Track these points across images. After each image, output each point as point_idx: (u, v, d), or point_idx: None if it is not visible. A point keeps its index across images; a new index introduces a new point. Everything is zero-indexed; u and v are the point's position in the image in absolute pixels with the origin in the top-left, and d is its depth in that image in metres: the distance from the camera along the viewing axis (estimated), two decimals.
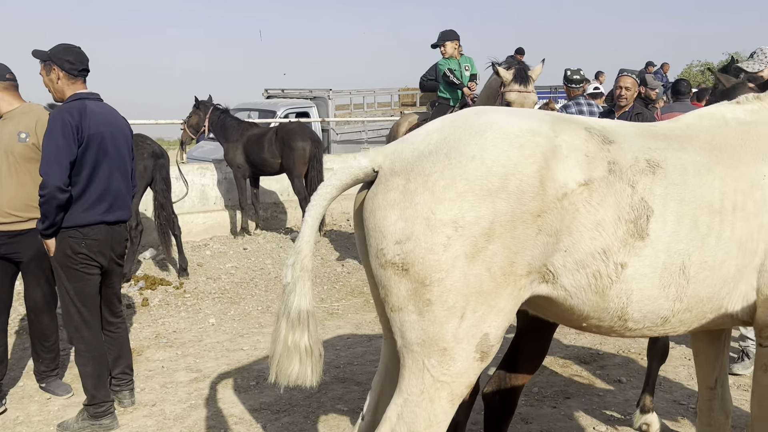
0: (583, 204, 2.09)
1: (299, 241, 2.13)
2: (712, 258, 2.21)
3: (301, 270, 2.12)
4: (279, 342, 2.12)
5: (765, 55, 4.57)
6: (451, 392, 2.10)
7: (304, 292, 2.11)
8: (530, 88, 5.60)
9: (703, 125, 2.48)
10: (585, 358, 5.09)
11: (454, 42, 6.76)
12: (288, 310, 2.11)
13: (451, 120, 2.20)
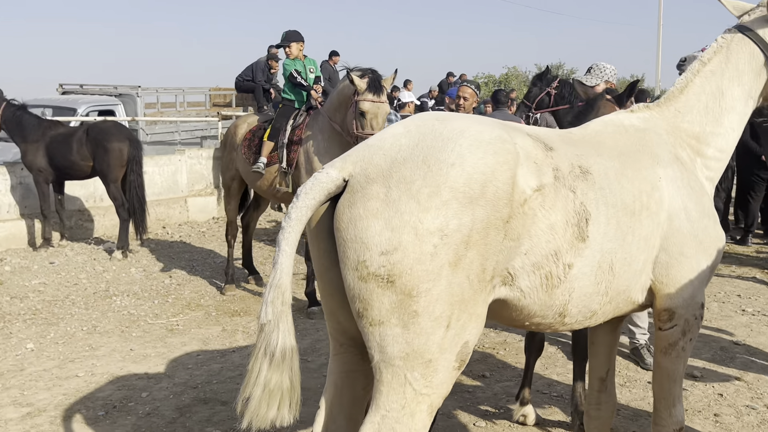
0: (539, 209, 2.13)
1: (278, 274, 1.95)
2: (629, 254, 2.38)
3: (282, 305, 1.95)
4: (258, 385, 1.93)
5: (601, 70, 5.04)
6: (430, 404, 2.02)
7: (288, 328, 1.96)
8: (383, 99, 5.66)
9: (608, 132, 2.65)
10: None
11: (299, 43, 6.61)
12: (271, 350, 1.93)
13: (416, 125, 2.12)
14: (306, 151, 6.22)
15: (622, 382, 4.57)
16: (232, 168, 7.00)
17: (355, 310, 2.00)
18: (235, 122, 7.17)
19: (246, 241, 7.63)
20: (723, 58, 2.81)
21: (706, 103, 2.77)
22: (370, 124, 5.67)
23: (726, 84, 2.78)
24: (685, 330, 2.55)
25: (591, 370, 2.99)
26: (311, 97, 6.47)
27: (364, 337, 2.02)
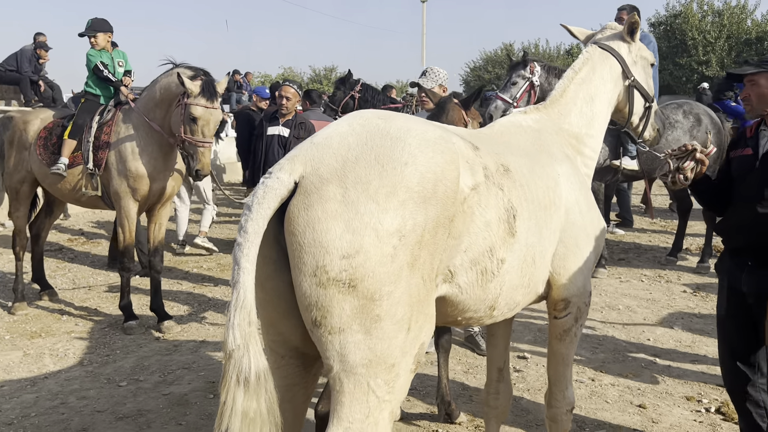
0: (476, 207, 2.17)
1: (240, 294, 1.77)
2: (544, 247, 2.53)
3: (249, 326, 1.77)
4: (236, 416, 1.75)
5: (435, 74, 5.27)
6: (391, 411, 1.95)
7: (258, 350, 1.79)
8: (216, 105, 5.35)
9: (511, 132, 2.80)
10: None
11: (107, 34, 5.95)
12: (245, 376, 1.76)
13: (360, 124, 2.04)
14: (118, 151, 5.64)
15: (466, 369, 4.84)
16: (21, 170, 6.12)
17: (310, 318, 1.87)
18: (22, 117, 6.25)
19: (36, 253, 6.74)
20: (590, 69, 3.13)
21: (581, 107, 3.05)
22: (201, 131, 5.31)
23: (594, 91, 3.10)
24: (577, 317, 2.78)
25: (490, 362, 3.12)
26: (120, 92, 5.88)
27: (321, 347, 1.89)
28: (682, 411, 4.16)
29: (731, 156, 3.35)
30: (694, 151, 3.12)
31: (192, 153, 5.37)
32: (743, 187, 3.23)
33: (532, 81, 6.66)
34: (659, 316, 6.04)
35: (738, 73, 3.21)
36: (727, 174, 3.34)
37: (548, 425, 2.96)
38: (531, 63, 6.73)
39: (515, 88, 6.71)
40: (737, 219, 3.23)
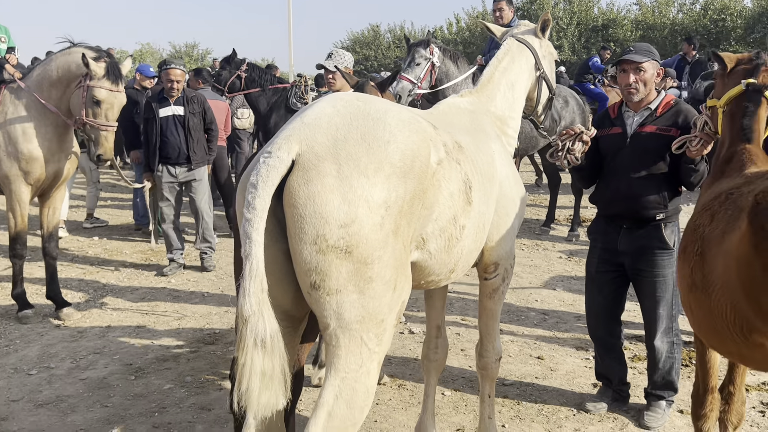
0: (442, 179, 2.43)
1: (254, 264, 1.94)
2: (489, 215, 2.85)
3: (262, 292, 1.95)
4: (255, 375, 1.93)
5: (341, 56, 5.44)
6: (379, 361, 2.18)
7: (271, 314, 1.97)
8: (121, 88, 5.22)
9: (453, 113, 3.10)
10: (207, 339, 5.15)
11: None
12: (261, 339, 1.93)
13: (342, 106, 2.22)
14: (7, 132, 5.34)
15: None
16: None
17: (309, 282, 2.05)
18: None
19: None
20: (510, 59, 3.48)
21: (504, 92, 3.40)
22: (105, 115, 5.16)
23: (514, 78, 3.46)
24: (504, 277, 3.14)
25: (429, 320, 3.41)
26: (5, 70, 5.55)
27: (319, 308, 2.08)
28: (574, 359, 4.72)
29: (598, 135, 3.85)
30: (581, 133, 3.56)
31: (94, 137, 5.22)
32: (616, 162, 3.77)
33: (433, 62, 6.98)
34: (542, 280, 6.68)
35: (630, 59, 3.69)
36: (596, 152, 3.85)
37: (480, 374, 3.32)
38: (431, 45, 7.04)
39: (419, 69, 6.97)
40: (614, 190, 3.77)
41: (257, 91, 9.39)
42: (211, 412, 3.98)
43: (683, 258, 2.52)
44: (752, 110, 2.74)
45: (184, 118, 6.81)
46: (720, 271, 2.19)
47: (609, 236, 3.84)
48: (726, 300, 2.16)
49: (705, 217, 2.41)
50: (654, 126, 3.71)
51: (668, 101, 3.78)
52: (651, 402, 3.84)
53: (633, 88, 3.71)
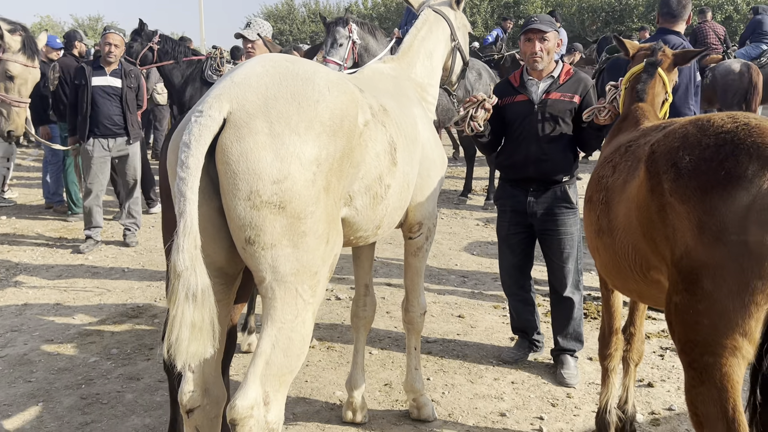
0: (369, 140, 2.53)
1: (188, 221, 1.98)
2: (413, 176, 2.99)
3: (195, 249, 1.99)
4: (185, 326, 1.98)
5: (259, 25, 5.42)
6: (314, 311, 2.28)
7: (203, 269, 2.02)
8: (37, 63, 5.01)
9: (377, 77, 3.20)
10: (130, 313, 5.09)
11: None
12: (193, 292, 1.98)
13: (272, 66, 2.26)
14: None
15: None
16: None
17: (244, 237, 2.12)
18: None
19: None
20: (428, 28, 3.62)
21: (423, 61, 3.53)
22: (18, 90, 4.95)
23: (432, 47, 3.60)
24: (428, 236, 3.30)
25: (358, 279, 3.53)
26: None
27: (254, 262, 2.14)
28: (493, 317, 4.98)
29: (501, 103, 4.05)
30: (483, 101, 3.73)
31: (6, 112, 5.02)
32: (525, 128, 3.99)
33: (353, 40, 7.03)
34: (461, 245, 6.94)
35: (536, 29, 3.89)
36: (499, 120, 4.05)
37: (406, 329, 3.48)
38: (349, 23, 7.07)
39: (342, 50, 6.97)
40: (524, 154, 3.99)
41: (171, 63, 9.16)
42: (141, 381, 3.98)
43: (589, 207, 2.74)
44: (646, 78, 3.03)
45: (121, 91, 6.63)
46: (622, 215, 2.40)
47: (517, 200, 4.07)
48: (628, 241, 2.38)
49: (607, 168, 2.62)
50: (558, 93, 3.95)
51: (568, 70, 4.04)
52: (562, 360, 4.07)
53: (538, 56, 3.92)
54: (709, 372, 1.95)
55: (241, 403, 2.09)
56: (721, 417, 1.93)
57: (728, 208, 1.90)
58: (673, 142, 2.16)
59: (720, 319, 1.92)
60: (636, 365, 3.19)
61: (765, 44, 10.58)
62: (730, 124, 2.07)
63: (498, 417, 3.56)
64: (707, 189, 1.96)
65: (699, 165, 2.03)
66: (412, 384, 3.47)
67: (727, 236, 1.89)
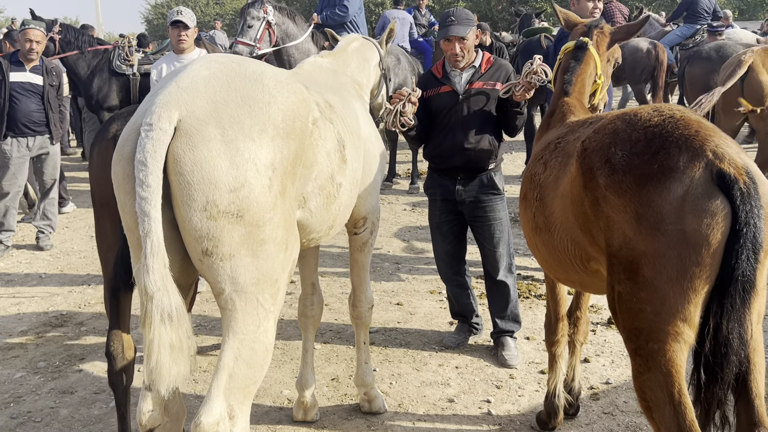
0: (319, 139, 2.48)
1: (154, 241, 1.90)
2: (360, 171, 2.96)
3: (164, 267, 1.91)
4: (164, 349, 1.90)
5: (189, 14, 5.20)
6: (275, 319, 2.23)
7: (174, 288, 1.95)
8: None
9: (318, 72, 3.14)
10: (54, 322, 4.83)
11: None
12: (168, 313, 1.90)
13: (217, 68, 2.17)
14: None
15: None
16: None
17: (200, 249, 2.04)
18: None
19: None
20: (360, 44, 3.75)
21: (359, 62, 3.63)
22: None
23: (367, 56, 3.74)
24: (372, 230, 3.29)
25: (304, 278, 3.47)
26: None
27: (212, 274, 2.07)
28: (430, 302, 5.05)
29: (427, 95, 4.11)
30: (409, 95, 3.76)
31: None
32: (451, 119, 4.05)
33: (268, 20, 6.87)
34: (392, 231, 6.98)
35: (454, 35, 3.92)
36: (425, 111, 4.10)
37: (354, 323, 3.47)
38: (264, 4, 6.92)
39: (252, 31, 6.84)
40: (450, 144, 4.05)
41: (75, 54, 8.68)
42: (75, 395, 3.79)
43: (525, 205, 2.81)
44: (574, 65, 3.08)
45: (42, 89, 6.25)
46: (558, 211, 2.48)
47: (446, 188, 4.13)
48: (566, 236, 2.45)
49: (539, 166, 2.69)
50: (481, 82, 4.02)
51: (488, 58, 4.12)
52: (502, 342, 4.17)
53: (459, 57, 3.98)
54: (654, 358, 2.03)
55: (206, 420, 2.03)
56: (668, 401, 2.01)
57: (664, 200, 1.98)
58: (604, 138, 2.22)
59: (662, 306, 1.99)
60: (581, 345, 3.32)
61: (699, 24, 11.00)
62: (657, 117, 2.14)
63: (447, 403, 3.62)
64: (642, 182, 2.03)
65: (632, 160, 2.09)
66: (362, 378, 3.48)
67: (664, 226, 1.97)
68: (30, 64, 6.29)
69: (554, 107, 3.08)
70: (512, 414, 3.51)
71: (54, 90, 6.43)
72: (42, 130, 6.34)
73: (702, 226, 1.94)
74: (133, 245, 2.18)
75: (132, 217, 2.08)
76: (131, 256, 2.23)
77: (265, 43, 6.86)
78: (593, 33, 3.11)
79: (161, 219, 1.93)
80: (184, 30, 5.06)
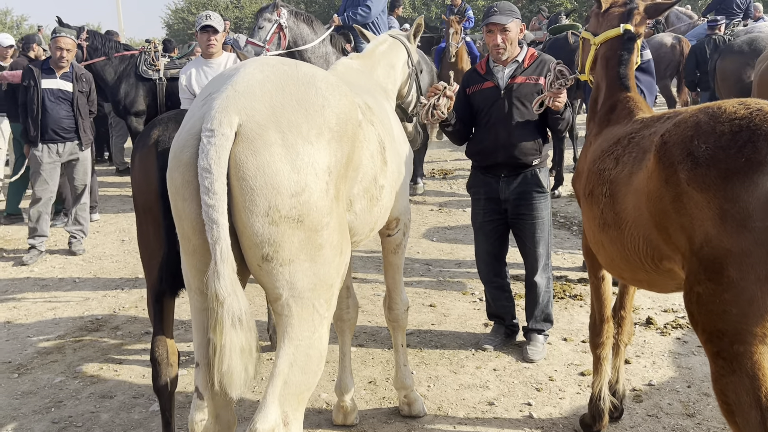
0: (364, 141, 2.46)
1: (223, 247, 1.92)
2: (398, 173, 2.95)
3: (233, 272, 1.93)
4: (235, 353, 1.93)
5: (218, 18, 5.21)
6: (329, 324, 2.21)
7: (242, 292, 1.97)
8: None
9: (350, 73, 3.13)
10: (89, 326, 4.87)
11: None
12: (238, 317, 1.93)
13: (270, 70, 2.16)
14: None
15: None
16: None
17: (260, 255, 2.01)
18: None
19: None
20: (388, 46, 3.66)
21: (386, 68, 3.56)
22: None
23: (394, 61, 3.63)
24: (405, 231, 3.26)
25: None
26: None
27: (270, 279, 2.05)
28: (463, 303, 5.01)
29: (470, 92, 4.11)
30: (445, 89, 3.73)
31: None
32: (492, 114, 4.03)
33: (280, 23, 6.91)
34: (420, 232, 6.95)
35: (496, 22, 3.91)
36: (467, 108, 4.09)
37: (391, 326, 3.45)
38: (278, 8, 6.97)
39: (263, 32, 6.90)
40: (493, 140, 4.03)
41: (102, 60, 8.75)
42: (114, 399, 3.81)
43: (591, 201, 2.72)
44: (627, 58, 2.96)
45: (72, 95, 6.34)
46: (631, 207, 2.40)
47: (490, 187, 4.11)
48: (638, 234, 2.38)
49: (609, 161, 2.61)
50: (524, 77, 4.00)
51: (532, 53, 4.09)
52: (531, 337, 4.18)
53: (501, 48, 3.96)
54: (739, 361, 1.95)
55: (262, 427, 2.02)
56: (754, 405, 1.93)
57: (751, 195, 1.89)
58: (686, 131, 2.14)
59: (749, 307, 1.91)
60: (626, 346, 3.27)
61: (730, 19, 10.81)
62: (744, 110, 2.05)
63: (487, 406, 3.59)
64: (728, 177, 1.94)
65: (717, 153, 2.00)
66: (402, 381, 3.45)
67: (752, 223, 1.89)
68: (60, 71, 6.37)
69: (614, 102, 2.94)
70: (554, 417, 3.47)
71: (83, 96, 6.50)
72: (71, 136, 6.42)
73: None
74: (188, 252, 2.16)
75: (189, 223, 2.08)
76: (184, 263, 2.21)
77: (274, 45, 6.89)
78: (633, 17, 2.97)
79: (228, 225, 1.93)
80: (213, 34, 5.08)
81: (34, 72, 6.32)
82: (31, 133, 6.31)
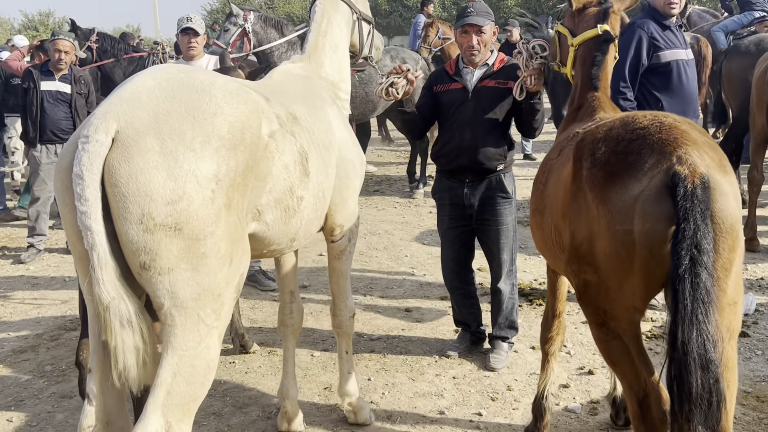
0: (275, 152, 2.42)
1: (101, 252, 1.94)
2: (330, 183, 2.89)
3: (117, 279, 1.96)
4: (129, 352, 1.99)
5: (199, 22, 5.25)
6: (219, 335, 2.18)
7: (129, 293, 2.00)
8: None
9: (288, 80, 3.08)
10: (68, 326, 4.95)
11: None
12: (127, 319, 1.97)
13: (164, 79, 2.15)
14: None
15: (251, 305, 5.15)
16: None
17: (138, 262, 2.00)
18: None
19: None
20: (327, 20, 3.44)
21: (330, 57, 3.41)
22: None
23: (336, 40, 3.46)
24: (350, 237, 3.22)
25: (282, 286, 3.42)
26: None
27: (151, 288, 2.03)
28: (439, 308, 4.94)
29: (436, 90, 4.03)
30: (407, 71, 3.67)
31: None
32: (459, 116, 3.95)
33: (245, 28, 7.00)
34: (413, 235, 6.88)
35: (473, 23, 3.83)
36: (431, 106, 4.03)
37: (336, 332, 3.41)
38: (245, 11, 7.08)
39: (227, 35, 7.09)
40: (458, 142, 3.95)
41: (111, 62, 8.92)
42: (73, 399, 3.85)
43: (534, 187, 2.84)
44: (600, 59, 2.95)
45: (71, 97, 6.47)
46: (552, 195, 2.51)
47: (454, 192, 4.04)
48: (551, 220, 2.50)
49: (555, 152, 2.70)
50: (493, 80, 3.91)
51: (502, 58, 4.01)
52: (495, 345, 4.10)
53: (475, 50, 3.89)
54: (616, 329, 2.23)
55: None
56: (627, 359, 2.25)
57: (620, 198, 2.04)
58: (599, 134, 2.28)
59: (620, 292, 2.14)
60: None
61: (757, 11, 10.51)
62: (648, 121, 2.18)
63: (437, 415, 3.51)
64: (609, 178, 2.09)
65: (610, 157, 2.14)
66: (346, 388, 3.41)
67: (614, 226, 2.05)
68: (59, 73, 6.49)
69: (582, 101, 2.98)
70: (502, 428, 3.38)
71: (82, 98, 6.61)
72: (69, 137, 6.51)
73: (646, 227, 2.00)
74: (76, 257, 2.16)
75: (72, 229, 2.07)
76: (76, 269, 2.22)
77: (237, 49, 6.96)
78: (609, 17, 2.95)
79: (104, 231, 1.94)
80: (194, 37, 5.11)
81: (33, 74, 6.46)
82: (30, 134, 6.46)
